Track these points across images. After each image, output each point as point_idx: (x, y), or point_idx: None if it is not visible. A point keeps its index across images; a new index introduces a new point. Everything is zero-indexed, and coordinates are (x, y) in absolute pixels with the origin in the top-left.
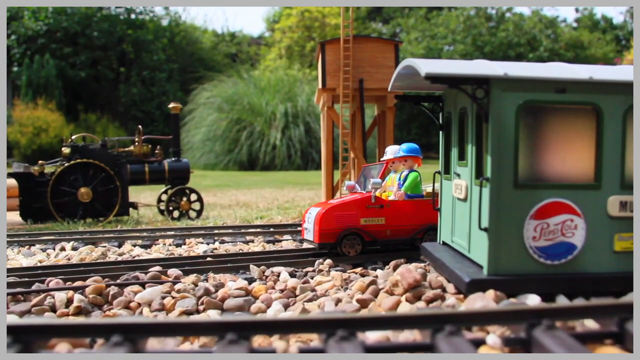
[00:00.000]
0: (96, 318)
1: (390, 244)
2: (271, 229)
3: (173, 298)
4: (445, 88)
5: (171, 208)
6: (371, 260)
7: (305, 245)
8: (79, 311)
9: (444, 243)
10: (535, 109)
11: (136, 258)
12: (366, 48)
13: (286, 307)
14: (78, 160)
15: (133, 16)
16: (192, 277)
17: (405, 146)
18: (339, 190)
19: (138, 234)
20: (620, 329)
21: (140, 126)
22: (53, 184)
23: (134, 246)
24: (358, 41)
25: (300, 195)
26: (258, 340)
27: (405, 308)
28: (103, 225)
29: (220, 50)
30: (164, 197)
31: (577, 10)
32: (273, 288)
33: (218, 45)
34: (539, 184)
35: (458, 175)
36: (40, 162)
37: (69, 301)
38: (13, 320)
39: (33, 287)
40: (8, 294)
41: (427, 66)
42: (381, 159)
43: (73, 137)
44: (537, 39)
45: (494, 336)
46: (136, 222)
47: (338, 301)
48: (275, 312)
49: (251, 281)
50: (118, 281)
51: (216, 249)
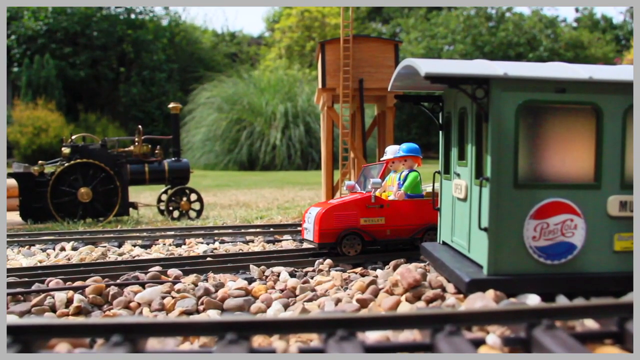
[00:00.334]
0: (96, 318)
1: (390, 244)
2: (271, 229)
3: (173, 298)
4: (445, 88)
5: (171, 208)
6: (371, 260)
7: (305, 245)
8: (79, 311)
9: (444, 243)
10: (535, 109)
11: (136, 258)
12: (366, 48)
13: (286, 307)
14: (78, 160)
15: (133, 16)
16: (192, 277)
17: (405, 146)
18: (339, 190)
19: (138, 234)
20: (620, 329)
21: (140, 126)
22: (53, 184)
23: (134, 246)
24: (358, 41)
25: (300, 195)
26: (258, 340)
27: (405, 308)
28: (103, 225)
29: (220, 50)
30: (164, 197)
31: (577, 10)
32: (273, 288)
33: (218, 45)
34: (539, 184)
35: (458, 175)
36: (40, 162)
37: (69, 301)
38: (13, 320)
39: (33, 287)
40: (8, 294)
41: (427, 66)
42: (381, 159)
43: (73, 137)
44: (537, 39)
45: (494, 336)
46: (136, 222)
47: (338, 301)
48: (275, 312)
49: (251, 281)
50: (118, 281)
51: (216, 249)
